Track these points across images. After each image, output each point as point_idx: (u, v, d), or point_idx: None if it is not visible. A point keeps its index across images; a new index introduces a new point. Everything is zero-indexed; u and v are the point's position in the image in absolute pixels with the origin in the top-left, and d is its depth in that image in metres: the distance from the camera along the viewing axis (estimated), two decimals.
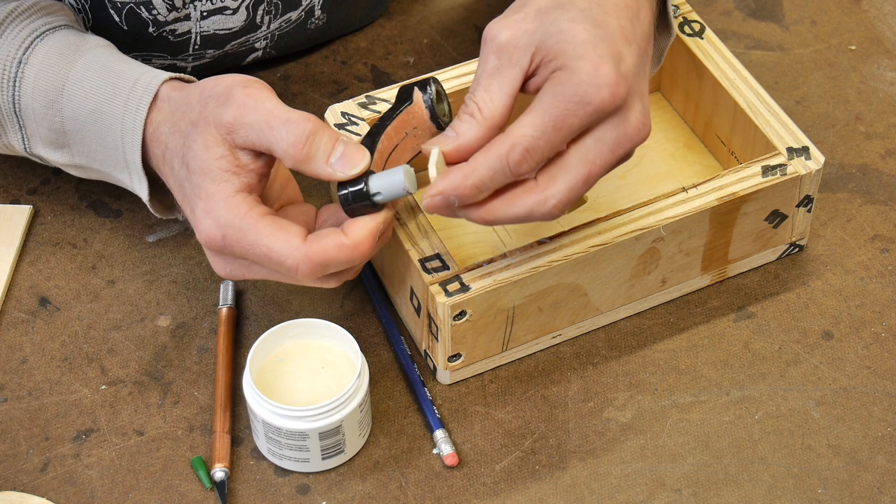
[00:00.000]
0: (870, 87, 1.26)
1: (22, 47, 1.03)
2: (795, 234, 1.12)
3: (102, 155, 1.04)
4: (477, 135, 0.94)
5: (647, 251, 1.06)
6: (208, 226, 0.96)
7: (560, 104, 0.92)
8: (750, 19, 1.31)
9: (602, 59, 0.92)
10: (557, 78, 0.92)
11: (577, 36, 0.92)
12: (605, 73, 0.92)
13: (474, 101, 0.94)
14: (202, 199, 0.96)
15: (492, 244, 1.12)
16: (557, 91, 0.92)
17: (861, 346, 1.09)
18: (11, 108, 1.04)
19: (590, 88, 0.91)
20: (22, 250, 1.14)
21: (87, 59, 1.03)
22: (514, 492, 1.01)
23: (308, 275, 0.95)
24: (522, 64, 0.94)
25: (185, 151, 0.97)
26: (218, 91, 0.97)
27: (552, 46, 0.93)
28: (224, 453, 1.02)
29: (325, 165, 0.95)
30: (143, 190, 1.03)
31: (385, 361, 1.08)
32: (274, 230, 0.95)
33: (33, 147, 1.06)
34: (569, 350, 1.09)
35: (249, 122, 0.95)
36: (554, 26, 0.93)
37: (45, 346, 1.09)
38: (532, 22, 0.94)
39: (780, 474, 1.02)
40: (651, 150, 1.18)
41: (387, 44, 1.29)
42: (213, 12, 1.13)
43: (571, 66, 0.92)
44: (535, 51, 0.93)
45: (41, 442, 1.04)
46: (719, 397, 1.06)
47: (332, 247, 0.95)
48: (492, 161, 0.92)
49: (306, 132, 0.94)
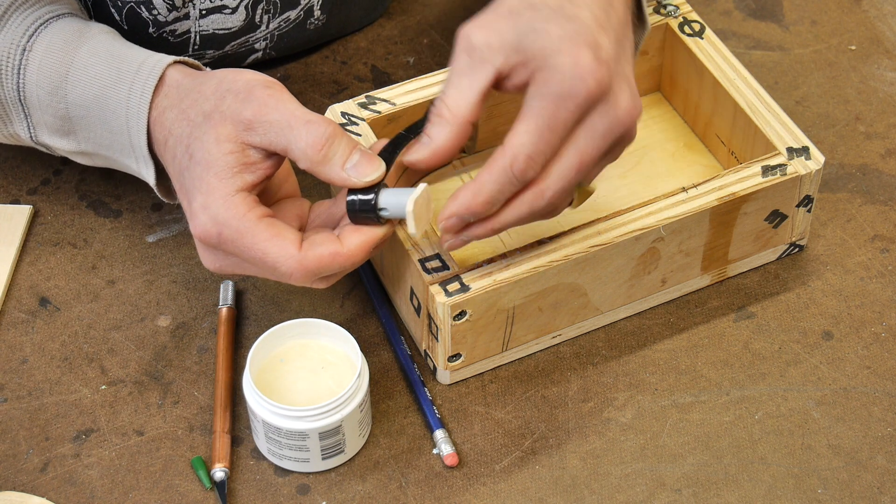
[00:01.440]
0: (870, 87, 1.26)
1: (26, 35, 1.04)
2: (795, 234, 1.12)
3: (108, 140, 1.04)
4: (448, 135, 0.95)
5: (647, 251, 1.06)
6: (204, 221, 0.96)
7: (549, 105, 0.93)
8: (750, 19, 1.31)
9: (580, 50, 0.92)
10: (540, 78, 0.93)
11: (552, 33, 0.93)
12: (586, 64, 0.92)
13: (444, 101, 0.95)
14: (201, 193, 0.96)
15: (492, 244, 1.12)
16: (543, 92, 0.93)
17: (861, 346, 1.09)
18: (16, 95, 1.04)
19: (574, 82, 0.92)
20: (22, 250, 1.14)
21: (91, 45, 1.03)
22: (514, 492, 1.01)
23: (300, 280, 0.96)
24: (496, 62, 0.94)
25: (192, 141, 0.97)
26: (237, 87, 0.97)
27: (528, 46, 0.93)
28: (224, 453, 1.02)
29: (341, 170, 0.95)
30: (150, 175, 1.03)
31: (385, 361, 1.08)
32: (270, 235, 0.95)
33: (39, 135, 1.06)
34: (569, 350, 1.09)
35: (270, 121, 0.95)
36: (528, 26, 0.93)
37: (45, 346, 1.09)
38: (505, 22, 0.94)
39: (780, 474, 1.02)
40: (651, 150, 1.18)
41: (387, 44, 1.29)
42: (212, 11, 1.13)
43: (551, 63, 0.92)
44: (509, 51, 0.94)
45: (41, 442, 1.04)
46: (719, 397, 1.06)
47: (326, 255, 0.96)
48: (497, 175, 0.94)
49: (326, 135, 0.95)
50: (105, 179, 1.18)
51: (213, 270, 1.00)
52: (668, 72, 1.20)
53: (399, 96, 1.12)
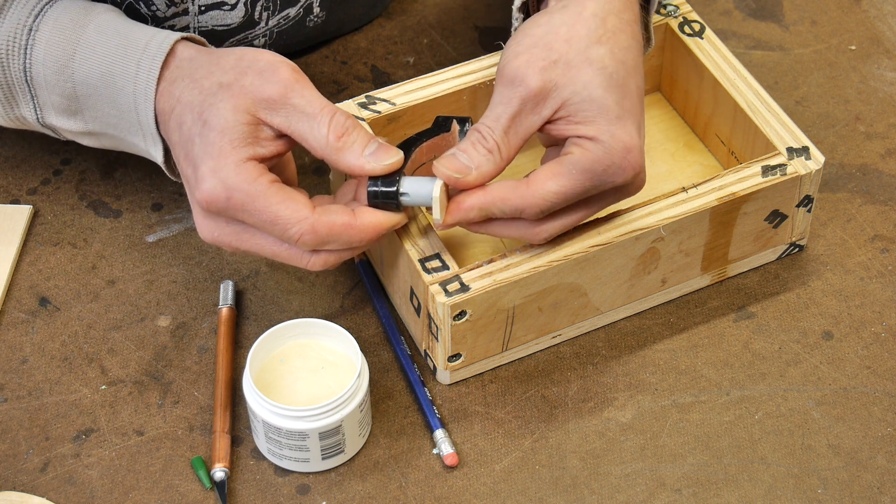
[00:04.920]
0: (870, 87, 1.26)
1: (32, 14, 1.04)
2: (795, 234, 1.12)
3: (116, 119, 1.04)
4: (494, 171, 1.00)
5: (647, 251, 1.06)
6: (214, 185, 0.96)
7: (588, 180, 0.98)
8: (750, 19, 1.31)
9: (632, 138, 0.98)
10: (590, 151, 0.98)
11: (610, 109, 0.98)
12: (635, 159, 0.98)
13: (494, 139, 0.99)
14: (212, 158, 0.97)
15: (492, 244, 1.12)
16: (587, 167, 0.98)
17: (861, 346, 1.09)
18: (23, 76, 1.04)
19: (619, 171, 0.98)
20: (22, 250, 1.14)
21: (98, 23, 1.04)
22: (514, 492, 1.01)
23: (308, 243, 0.97)
24: (545, 115, 0.99)
25: (207, 108, 0.98)
26: (260, 65, 0.99)
27: (583, 110, 0.98)
28: (224, 453, 1.02)
29: (360, 156, 0.98)
30: (158, 152, 1.04)
31: (385, 361, 1.08)
32: (283, 198, 0.97)
33: (45, 117, 1.06)
34: (569, 350, 1.09)
35: (293, 104, 0.97)
36: (586, 91, 0.98)
37: (45, 346, 1.09)
38: (562, 75, 0.98)
39: (780, 474, 1.02)
40: (651, 150, 1.18)
41: (387, 44, 1.29)
42: (212, 7, 1.13)
43: (603, 140, 0.98)
44: (560, 105, 0.98)
45: (41, 442, 1.04)
46: (719, 397, 1.06)
47: (339, 223, 0.97)
48: (508, 209, 0.99)
49: (347, 124, 0.98)
50: (105, 179, 1.18)
51: (209, 240, 1.00)
52: (668, 72, 1.20)
53: (399, 96, 1.12)
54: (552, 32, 1.00)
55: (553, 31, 1.00)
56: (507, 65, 0.99)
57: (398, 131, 1.12)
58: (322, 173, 1.19)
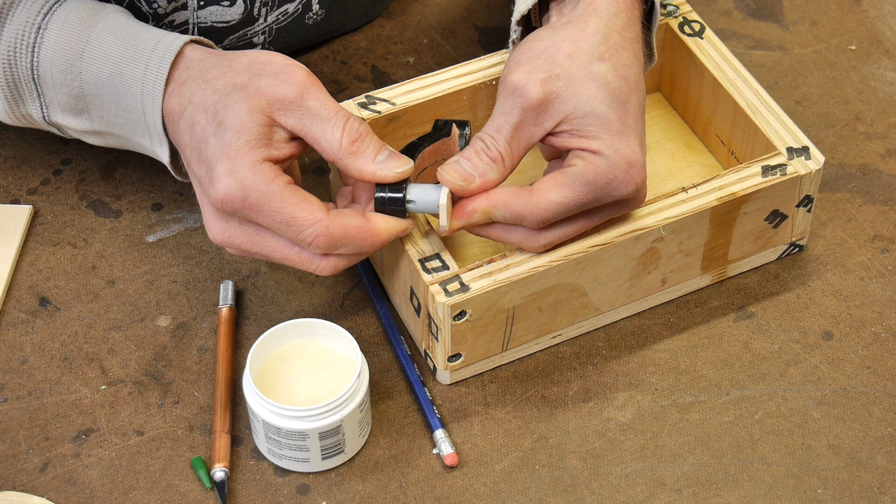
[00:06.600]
0: (870, 87, 1.26)
1: (41, 13, 1.04)
2: (795, 234, 1.12)
3: (122, 119, 1.04)
4: (498, 180, 1.01)
5: (647, 251, 1.06)
6: (231, 185, 0.97)
7: (591, 192, 0.99)
8: (750, 19, 1.31)
9: (635, 153, 0.99)
10: (593, 164, 0.99)
11: (612, 124, 0.99)
12: (637, 173, 0.99)
13: (498, 148, 1.00)
14: (229, 158, 0.97)
15: (492, 244, 1.12)
16: (590, 179, 0.99)
17: (861, 346, 1.09)
18: (30, 74, 1.04)
19: (621, 185, 0.99)
20: (22, 250, 1.14)
21: (106, 23, 1.04)
22: (514, 492, 1.01)
23: (321, 246, 0.98)
24: (546, 127, 1.00)
25: (221, 108, 0.98)
26: (275, 68, 1.00)
27: (585, 124, 0.99)
28: (224, 453, 1.02)
29: (372, 162, 0.99)
30: (165, 153, 1.04)
31: (385, 361, 1.08)
32: (299, 200, 0.97)
33: (52, 115, 1.06)
34: (569, 350, 1.09)
35: (308, 107, 0.98)
36: (588, 106, 0.99)
37: (45, 346, 1.09)
38: (565, 89, 0.99)
39: (780, 474, 1.02)
40: (651, 150, 1.18)
41: (387, 43, 1.29)
42: (211, 2, 1.13)
43: (607, 154, 0.99)
44: (563, 118, 0.99)
45: (41, 442, 1.04)
46: (719, 397, 1.06)
47: (353, 226, 0.98)
48: (509, 214, 0.99)
49: (361, 130, 0.99)
50: (105, 179, 1.18)
51: (219, 242, 1.01)
52: (668, 72, 1.20)
53: (399, 96, 1.12)
54: (555, 47, 1.00)
55: (556, 46, 1.00)
56: (509, 76, 1.00)
57: (398, 131, 1.12)
58: (322, 173, 1.19)
